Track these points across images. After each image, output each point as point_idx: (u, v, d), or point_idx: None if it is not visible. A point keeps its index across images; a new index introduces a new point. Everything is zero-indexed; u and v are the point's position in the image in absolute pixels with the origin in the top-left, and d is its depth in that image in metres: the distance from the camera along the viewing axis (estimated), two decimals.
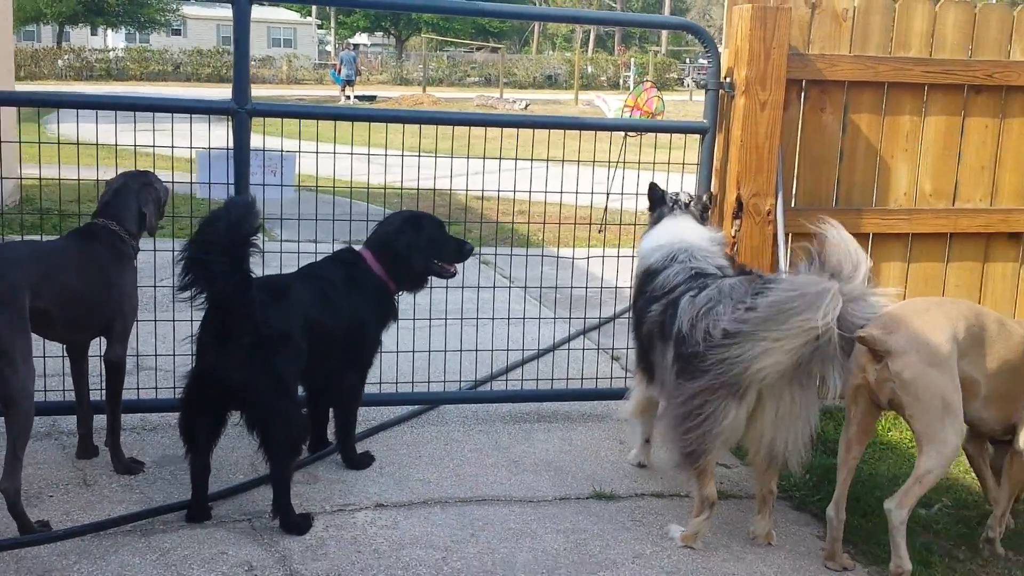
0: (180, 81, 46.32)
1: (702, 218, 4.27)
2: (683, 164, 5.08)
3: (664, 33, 57.58)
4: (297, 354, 3.67)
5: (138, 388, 4.63)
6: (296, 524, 3.64)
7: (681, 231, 4.12)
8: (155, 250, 4.58)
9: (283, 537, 3.61)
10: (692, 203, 4.30)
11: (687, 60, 54.31)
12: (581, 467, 4.43)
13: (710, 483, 3.65)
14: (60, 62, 46.91)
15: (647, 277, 4.01)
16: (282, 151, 4.63)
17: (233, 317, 3.44)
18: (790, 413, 3.46)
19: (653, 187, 4.38)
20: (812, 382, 3.48)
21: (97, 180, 4.45)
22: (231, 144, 4.38)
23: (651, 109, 12.45)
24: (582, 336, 5.77)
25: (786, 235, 4.92)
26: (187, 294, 3.40)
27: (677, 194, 4.38)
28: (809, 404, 3.49)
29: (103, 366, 4.05)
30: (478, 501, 4.03)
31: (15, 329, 3.43)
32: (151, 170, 4.28)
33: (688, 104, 30.98)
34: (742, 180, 4.84)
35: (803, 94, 5.01)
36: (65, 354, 4.15)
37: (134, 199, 4.05)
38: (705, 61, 5.26)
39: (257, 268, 3.62)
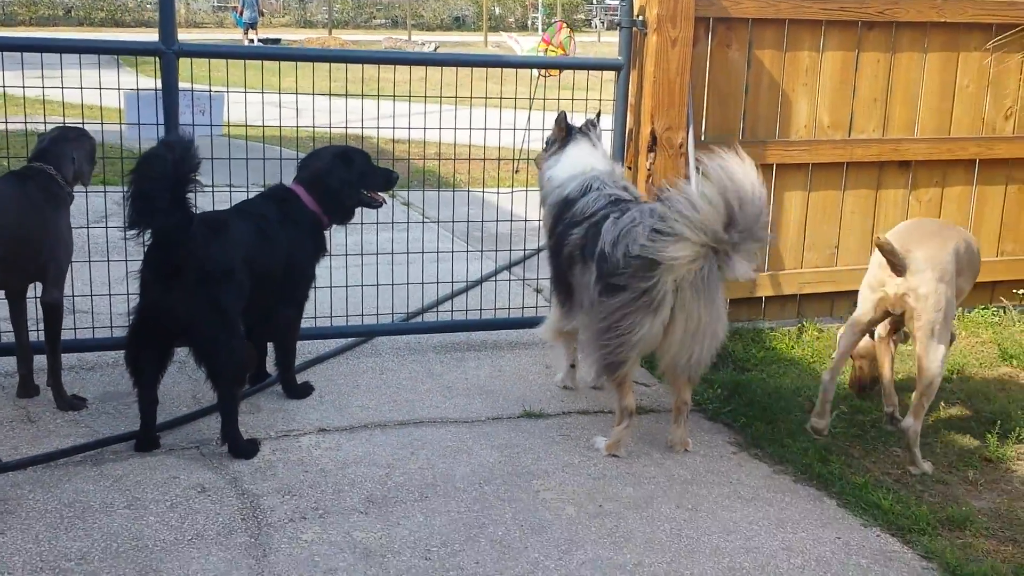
0: (72, 26, 44.60)
1: (595, 140, 4.52)
2: (600, 101, 5.29)
3: None
4: (240, 289, 3.81)
5: (75, 328, 4.71)
6: (244, 449, 3.83)
7: (587, 159, 4.38)
8: (86, 192, 4.63)
9: (232, 461, 3.79)
10: (584, 127, 4.54)
11: (595, 1, 54.38)
12: (511, 390, 4.69)
13: (629, 394, 3.96)
14: None
15: (565, 205, 4.24)
16: (211, 90, 4.71)
17: (176, 253, 3.56)
18: (698, 328, 3.77)
19: (563, 116, 4.60)
20: (718, 300, 3.78)
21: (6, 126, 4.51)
22: (159, 85, 4.45)
23: (564, 50, 12.64)
24: (507, 270, 6.02)
25: (697, 167, 5.20)
26: (132, 231, 3.51)
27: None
28: (716, 320, 3.80)
29: (40, 309, 4.14)
30: (416, 423, 4.26)
31: None
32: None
33: (597, 45, 31.19)
34: (656, 115, 5.09)
35: (711, 31, 5.27)
36: (4, 297, 4.21)
37: (70, 148, 4.12)
38: (615, 1, 5.46)
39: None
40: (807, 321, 5.72)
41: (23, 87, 4.60)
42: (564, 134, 4.51)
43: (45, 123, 4.50)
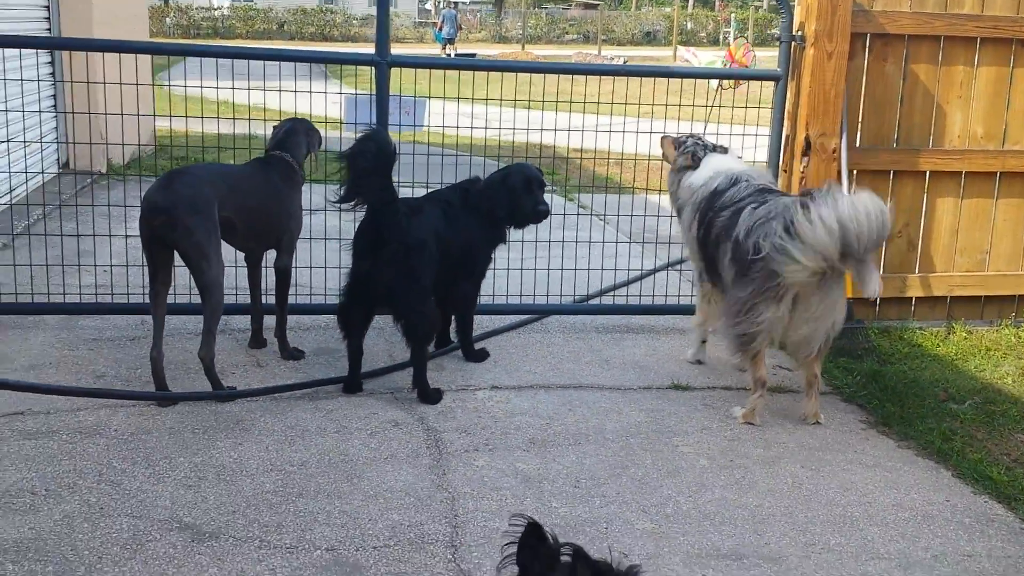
0: (284, 39, 47.78)
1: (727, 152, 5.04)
2: (758, 118, 5.77)
3: None
4: (432, 261, 4.53)
5: (296, 295, 5.58)
6: (430, 395, 4.55)
7: (731, 163, 4.89)
8: (310, 184, 5.51)
9: (420, 405, 4.52)
10: (719, 147, 5.06)
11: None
12: (663, 367, 5.24)
13: (762, 366, 4.45)
14: (168, 20, 48.68)
15: (713, 196, 4.74)
16: (415, 96, 5.49)
17: (384, 226, 4.33)
18: (815, 315, 4.24)
19: (686, 139, 5.13)
20: (834, 294, 4.24)
21: (228, 132, 5.39)
22: (373, 91, 5.26)
23: (748, 63, 13.01)
24: (667, 267, 6.56)
25: (849, 171, 5.60)
26: (348, 204, 4.29)
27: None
28: (833, 310, 4.29)
29: (273, 274, 5.01)
30: (575, 387, 4.88)
31: (209, 232, 4.36)
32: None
33: None
34: (811, 122, 5.53)
35: (867, 46, 5.65)
36: (244, 263, 5.10)
37: (303, 138, 4.99)
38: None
39: None
40: (956, 323, 5.99)
41: (247, 90, 5.53)
42: (690, 159, 5.02)
43: (265, 126, 5.40)
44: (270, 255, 5.03)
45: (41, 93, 8.58)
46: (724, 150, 5.08)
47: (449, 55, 34.67)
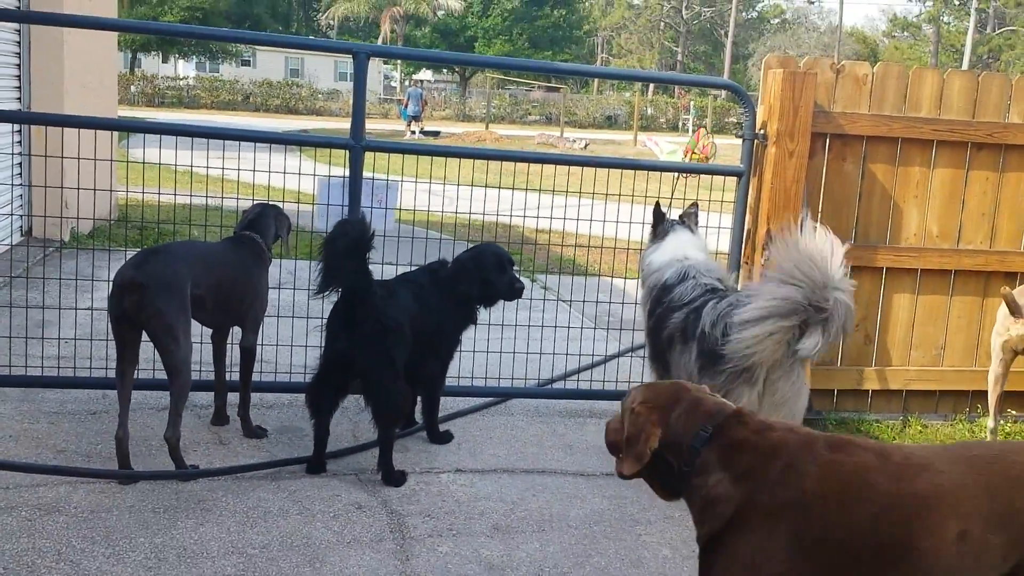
0: (249, 111, 48.10)
1: (693, 229, 5.20)
2: (721, 202, 5.94)
3: (725, 75, 58.60)
4: (406, 342, 4.58)
5: (260, 372, 5.57)
6: (395, 478, 4.55)
7: (684, 247, 5.03)
8: (280, 260, 5.55)
9: (384, 487, 4.51)
10: (685, 217, 5.22)
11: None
12: None
13: None
14: (132, 88, 48.80)
15: (663, 290, 4.87)
16: (387, 180, 5.58)
17: (360, 308, 4.37)
18: (783, 398, 4.35)
19: (657, 206, 5.29)
20: (799, 375, 4.34)
21: (190, 203, 5.44)
22: (347, 173, 5.34)
23: (707, 154, 13.40)
24: (630, 350, 6.65)
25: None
26: (323, 293, 4.35)
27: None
28: (797, 392, 4.40)
29: (237, 352, 5.01)
30: (539, 472, 4.90)
31: (179, 313, 4.37)
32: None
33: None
34: (772, 216, 5.68)
35: (827, 145, 5.86)
36: (210, 340, 5.09)
37: (272, 222, 5.05)
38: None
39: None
40: (911, 416, 6.11)
41: (222, 169, 5.59)
42: (656, 222, 5.18)
43: (238, 201, 5.46)
44: (235, 332, 5.04)
45: (8, 163, 8.60)
46: (689, 223, 5.21)
47: (414, 132, 35.14)
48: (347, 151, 5.35)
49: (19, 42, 9.09)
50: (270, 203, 5.26)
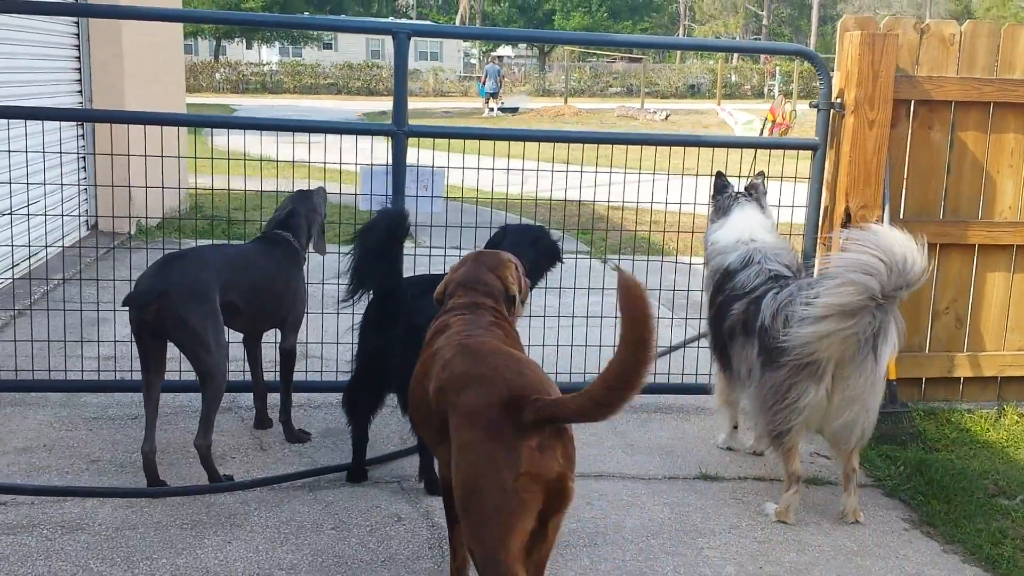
0: (331, 94, 48.38)
1: (761, 204, 4.75)
2: (795, 178, 5.48)
3: (812, 40, 56.80)
4: None
5: (306, 371, 5.36)
6: (438, 487, 4.25)
7: (750, 227, 4.62)
8: (323, 254, 5.31)
9: (426, 497, 4.23)
10: (751, 190, 4.78)
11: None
12: (691, 452, 4.90)
13: (795, 460, 4.11)
14: (217, 75, 49.67)
15: (726, 276, 4.49)
16: (433, 167, 5.27)
17: (392, 309, 4.09)
18: (854, 394, 3.92)
19: (719, 176, 4.86)
20: (873, 368, 3.89)
21: (260, 191, 5.21)
22: (390, 161, 5.04)
23: (788, 125, 12.79)
24: (698, 338, 6.23)
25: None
26: (354, 297, 4.09)
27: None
28: (871, 386, 3.93)
29: (278, 353, 4.78)
30: (595, 476, 4.56)
31: (206, 319, 4.11)
32: (314, 189, 4.99)
33: None
34: (851, 193, 5.22)
35: (911, 113, 5.35)
36: (242, 343, 4.87)
37: (304, 220, 4.79)
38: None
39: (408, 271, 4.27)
40: (1008, 404, 5.59)
41: (276, 155, 5.35)
42: (716, 192, 4.78)
43: (293, 183, 5.21)
44: (271, 332, 4.81)
45: (71, 161, 8.55)
46: (757, 196, 4.79)
47: (492, 109, 34.86)
48: (389, 138, 5.05)
49: (78, 34, 9.02)
50: (302, 195, 4.96)
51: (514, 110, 36.02)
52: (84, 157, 8.97)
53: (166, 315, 4.00)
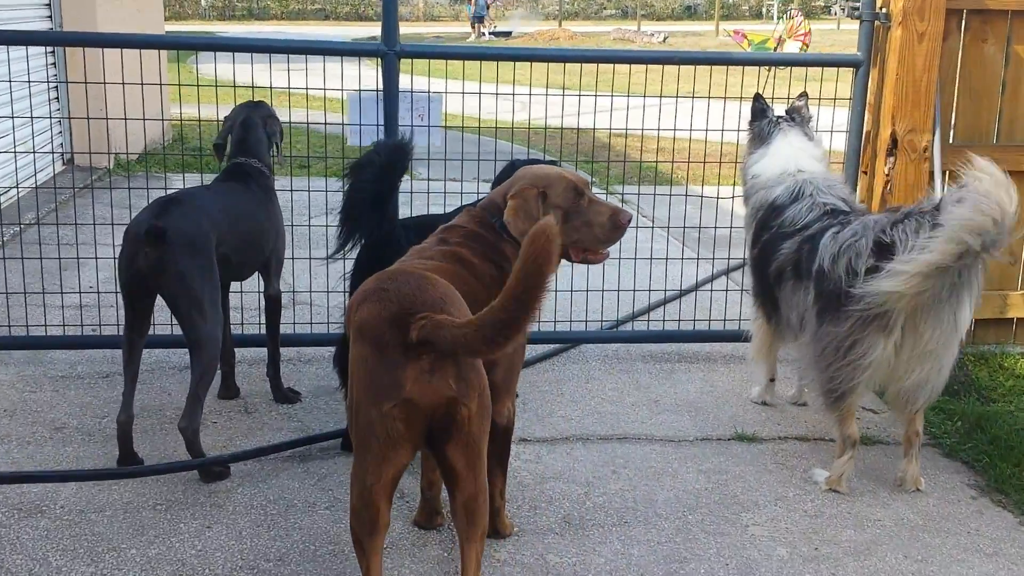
0: (319, 20, 47.05)
1: (806, 129, 4.22)
2: (834, 99, 4.92)
3: None
4: None
5: (294, 323, 4.84)
6: None
7: (796, 156, 4.09)
8: (309, 190, 4.77)
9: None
10: (794, 113, 4.22)
11: None
12: (723, 408, 4.43)
13: (852, 422, 3.63)
14: (203, 2, 48.29)
15: (771, 211, 3.98)
16: (429, 92, 4.69)
17: (385, 258, 3.55)
18: (928, 348, 3.41)
19: (758, 98, 4.32)
20: (952, 322, 3.38)
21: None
22: (380, 86, 4.47)
23: (808, 41, 12.01)
24: (725, 276, 5.73)
25: (943, 172, 4.74)
26: (344, 248, 3.56)
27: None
28: (948, 342, 3.42)
29: (264, 301, 4.24)
30: (619, 439, 4.09)
31: (205, 276, 3.58)
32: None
33: (836, 34, 29.80)
34: (897, 116, 4.67)
35: (963, 24, 4.78)
36: None
37: (263, 132, 4.20)
38: None
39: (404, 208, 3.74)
40: None
41: (250, 83, 4.77)
42: (755, 117, 4.25)
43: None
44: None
45: (41, 92, 7.91)
46: (800, 121, 4.24)
47: (483, 35, 33.85)
48: (379, 59, 4.46)
49: None
50: (255, 103, 4.33)
51: (507, 34, 34.99)
52: (56, 87, 8.33)
53: (165, 266, 3.47)
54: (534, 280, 2.26)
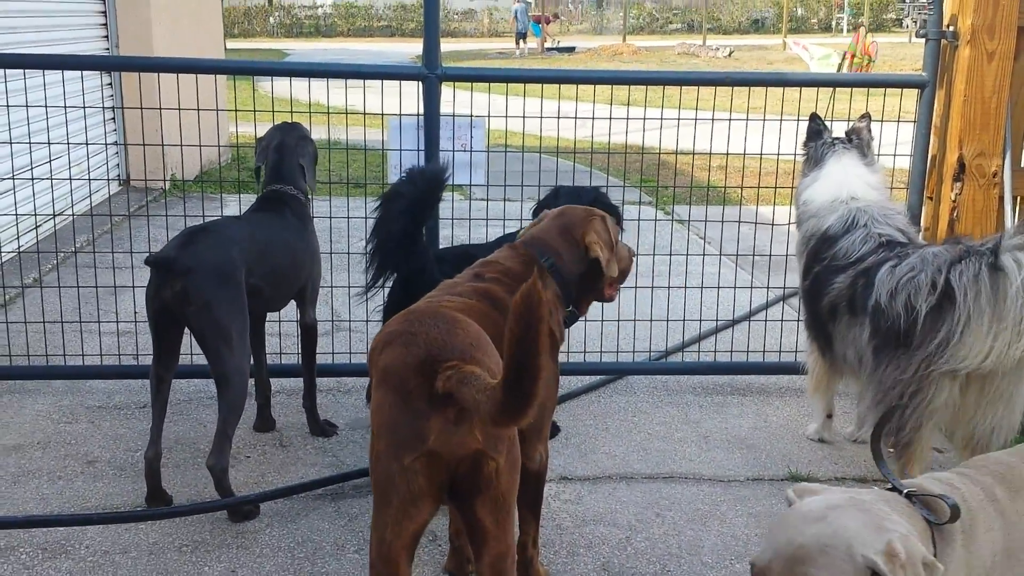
0: (385, 36, 47.52)
1: (865, 152, 4.00)
2: (898, 120, 4.69)
3: None
4: None
5: (333, 352, 4.75)
6: None
7: (850, 182, 3.88)
8: (348, 216, 4.68)
9: None
10: (853, 135, 4.01)
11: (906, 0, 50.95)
12: (776, 446, 4.21)
13: (918, 465, 3.38)
14: (271, 19, 49.12)
15: (823, 242, 3.77)
16: (471, 116, 4.56)
17: (417, 293, 3.43)
18: (1001, 392, 3.17)
19: (814, 117, 4.11)
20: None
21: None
22: (420, 109, 4.35)
23: (872, 54, 11.70)
24: (781, 304, 5.51)
25: (1014, 199, 4.48)
26: (376, 284, 3.47)
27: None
28: (1020, 382, 3.17)
29: (300, 331, 4.15)
30: (665, 478, 3.90)
31: (234, 308, 3.49)
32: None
33: (906, 47, 29.13)
34: (965, 138, 4.43)
35: None
36: None
37: (296, 157, 4.11)
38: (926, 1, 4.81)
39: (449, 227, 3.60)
40: None
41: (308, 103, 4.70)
42: (812, 139, 4.05)
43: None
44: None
45: (95, 113, 7.98)
46: (858, 144, 4.03)
47: (523, 50, 33.83)
48: (419, 82, 4.35)
49: None
50: (287, 126, 4.23)
51: (570, 50, 34.90)
52: (112, 110, 8.41)
53: (189, 295, 3.39)
54: (532, 352, 2.00)
